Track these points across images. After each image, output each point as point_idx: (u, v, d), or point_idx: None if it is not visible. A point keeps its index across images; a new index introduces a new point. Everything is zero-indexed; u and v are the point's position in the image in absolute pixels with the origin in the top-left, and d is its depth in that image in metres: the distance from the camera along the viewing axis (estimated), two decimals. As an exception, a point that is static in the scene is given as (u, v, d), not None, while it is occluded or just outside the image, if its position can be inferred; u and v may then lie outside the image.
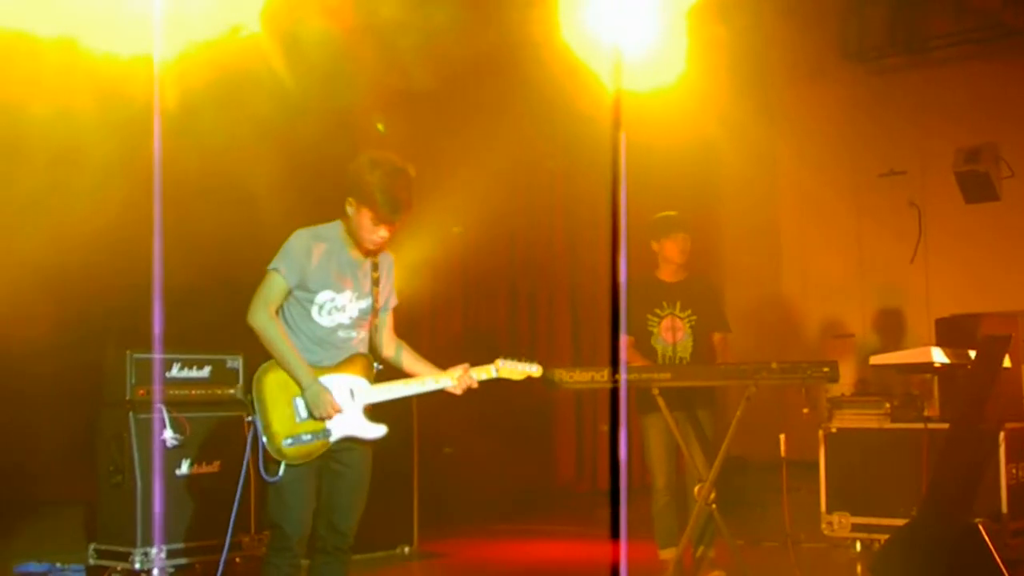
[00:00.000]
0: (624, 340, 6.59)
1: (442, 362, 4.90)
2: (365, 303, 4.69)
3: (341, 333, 4.66)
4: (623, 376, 6.14)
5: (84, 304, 7.00)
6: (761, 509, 9.12)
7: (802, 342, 11.04)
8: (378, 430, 4.76)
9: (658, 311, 6.64)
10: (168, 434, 6.57)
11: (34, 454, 6.85)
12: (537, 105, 9.42)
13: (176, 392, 6.79)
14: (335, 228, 4.69)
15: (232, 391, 7.13)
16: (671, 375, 6.21)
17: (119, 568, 6.56)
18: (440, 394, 4.90)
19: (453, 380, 4.79)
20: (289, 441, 4.52)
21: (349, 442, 4.68)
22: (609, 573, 5.24)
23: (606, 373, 6.17)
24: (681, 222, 6.73)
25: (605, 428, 10.73)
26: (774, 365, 6.06)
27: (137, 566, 6.43)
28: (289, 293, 4.59)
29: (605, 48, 6.61)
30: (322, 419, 4.56)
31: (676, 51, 7.02)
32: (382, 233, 4.59)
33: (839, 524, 7.10)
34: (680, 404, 6.45)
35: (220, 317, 7.31)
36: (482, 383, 4.85)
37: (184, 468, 6.67)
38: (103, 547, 6.61)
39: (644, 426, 6.62)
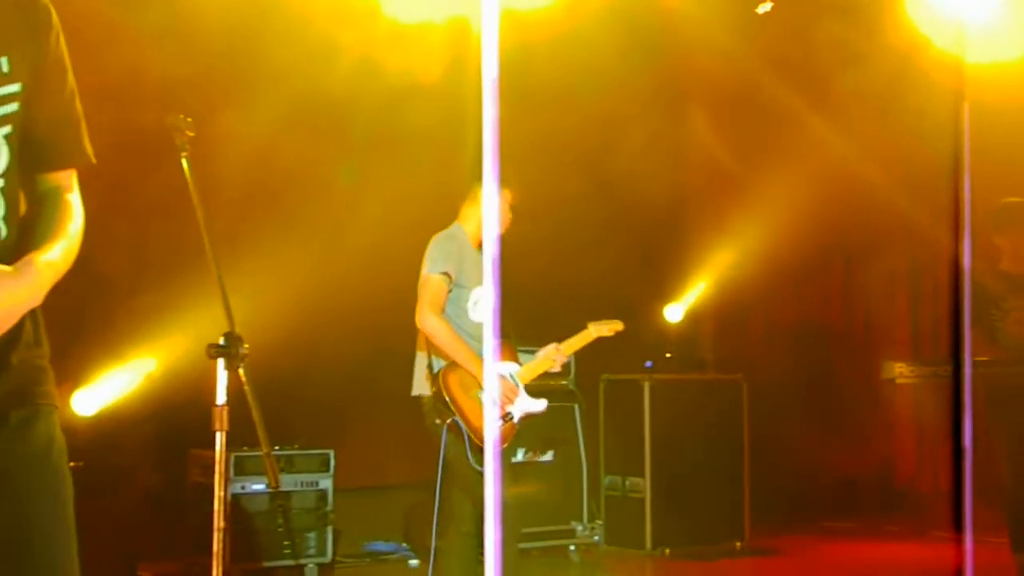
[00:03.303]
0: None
1: (773, 357, 4.79)
2: None
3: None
4: (967, 370, 5.78)
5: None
6: None
7: None
8: (542, 404, 4.94)
9: (1002, 304, 6.20)
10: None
11: (383, 439, 7.20)
12: (873, 87, 9.05)
13: (511, 382, 6.99)
14: (457, 228, 4.92)
15: (564, 382, 7.28)
16: (1024, 369, 5.78)
17: (460, 550, 6.83)
18: (770, 389, 4.80)
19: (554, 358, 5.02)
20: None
21: None
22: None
23: (950, 367, 5.84)
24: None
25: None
26: None
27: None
28: (448, 293, 4.76)
29: (948, 23, 6.27)
30: (505, 406, 4.78)
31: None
32: (509, 215, 4.88)
33: None
34: None
35: (551, 309, 7.48)
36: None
37: (519, 456, 6.87)
38: (445, 530, 6.90)
39: (991, 422, 6.22)
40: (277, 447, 6.27)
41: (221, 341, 2.70)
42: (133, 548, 5.42)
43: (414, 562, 6.99)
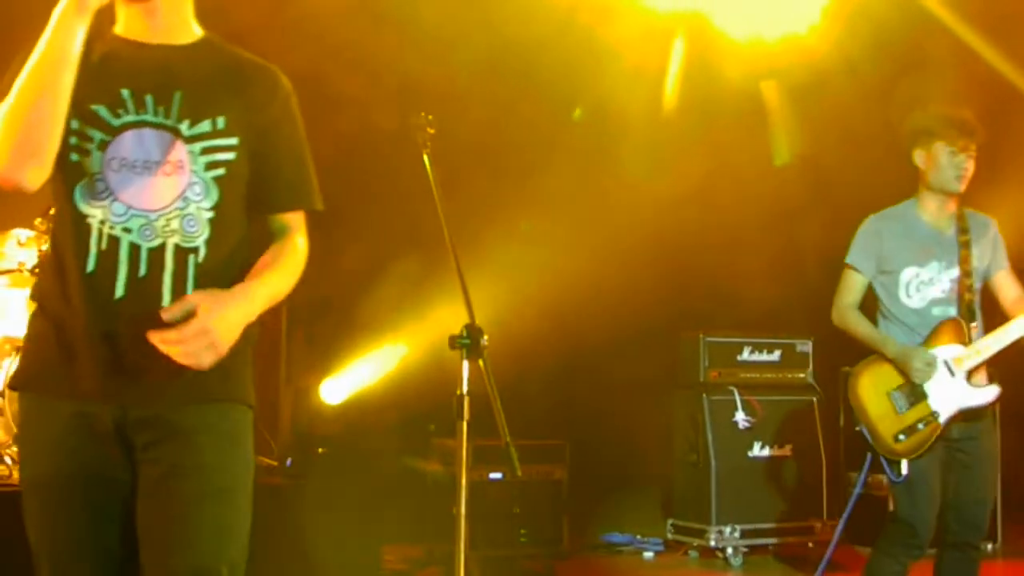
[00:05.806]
0: None
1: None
2: (955, 272, 4.45)
3: (936, 311, 4.45)
4: None
5: (658, 289, 7.28)
6: None
7: None
8: (988, 393, 4.43)
9: None
10: (740, 416, 6.70)
11: (618, 433, 7.22)
12: None
13: (747, 375, 6.90)
14: (907, 205, 4.57)
15: (803, 375, 7.11)
16: None
17: (695, 544, 6.79)
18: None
19: None
20: (901, 436, 4.38)
21: (973, 432, 4.42)
22: None
23: None
24: None
25: None
26: None
27: (712, 543, 6.61)
28: (868, 283, 4.51)
29: None
30: (920, 382, 4.35)
31: None
32: (963, 164, 4.41)
33: None
34: None
35: (790, 301, 7.33)
36: None
37: (756, 450, 6.77)
38: (680, 523, 6.88)
39: None
40: (515, 437, 6.37)
41: (462, 332, 2.77)
42: (378, 531, 5.61)
43: (649, 554, 6.97)
